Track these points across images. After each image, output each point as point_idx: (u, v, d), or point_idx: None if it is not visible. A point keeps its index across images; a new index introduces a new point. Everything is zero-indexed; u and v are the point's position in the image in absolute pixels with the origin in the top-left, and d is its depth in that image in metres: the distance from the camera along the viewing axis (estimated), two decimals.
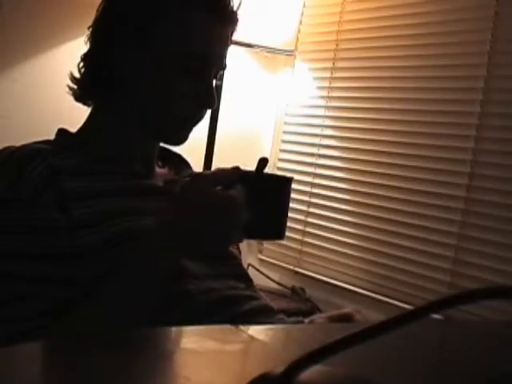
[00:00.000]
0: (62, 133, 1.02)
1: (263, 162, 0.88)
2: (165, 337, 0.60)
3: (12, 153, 0.89)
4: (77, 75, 1.01)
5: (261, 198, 0.86)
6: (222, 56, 1.01)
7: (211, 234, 0.84)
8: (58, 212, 0.85)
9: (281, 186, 0.90)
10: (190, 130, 1.02)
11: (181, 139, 1.02)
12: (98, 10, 1.00)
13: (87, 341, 0.54)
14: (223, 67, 1.02)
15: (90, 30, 1.00)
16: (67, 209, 0.86)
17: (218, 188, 0.85)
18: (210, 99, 0.99)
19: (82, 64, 1.00)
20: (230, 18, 0.99)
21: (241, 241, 0.90)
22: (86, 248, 0.85)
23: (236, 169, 0.87)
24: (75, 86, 1.01)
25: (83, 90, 1.01)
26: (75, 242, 0.85)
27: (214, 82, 1.01)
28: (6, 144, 0.93)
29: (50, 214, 0.84)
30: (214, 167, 2.21)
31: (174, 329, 0.61)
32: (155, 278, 0.83)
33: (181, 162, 1.13)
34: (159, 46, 0.96)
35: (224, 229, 0.84)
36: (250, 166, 0.90)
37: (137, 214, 0.92)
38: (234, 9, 1.00)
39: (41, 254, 0.82)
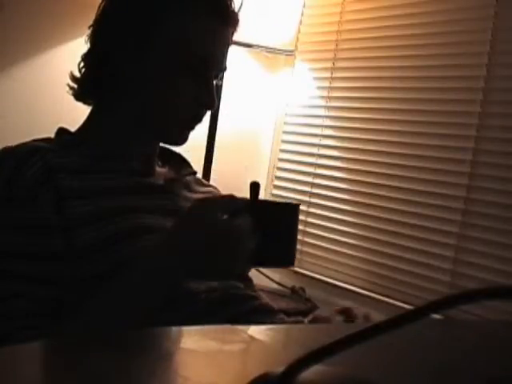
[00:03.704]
0: (62, 131, 1.02)
1: (256, 187, 0.85)
2: (164, 337, 0.60)
3: (11, 150, 0.90)
4: (77, 75, 1.01)
5: (271, 225, 0.84)
6: (223, 57, 1.01)
7: (211, 263, 0.82)
8: (52, 211, 0.84)
9: (290, 212, 0.89)
10: (189, 130, 1.02)
11: (180, 140, 1.02)
12: (98, 9, 1.00)
13: (87, 341, 0.54)
14: (224, 68, 1.02)
15: (91, 29, 1.00)
16: (63, 207, 0.85)
17: (224, 217, 0.83)
18: (210, 100, 0.99)
19: (82, 64, 1.00)
20: (230, 20, 0.99)
21: (245, 271, 0.86)
22: (82, 247, 0.85)
23: (231, 196, 0.84)
24: (75, 86, 1.01)
25: (83, 89, 1.01)
26: (71, 242, 0.84)
27: (215, 82, 1.02)
28: (6, 144, 0.93)
29: (43, 213, 0.84)
30: (214, 167, 2.21)
31: (173, 329, 0.61)
32: (152, 297, 0.82)
33: (181, 162, 1.13)
34: (160, 46, 0.96)
35: (225, 258, 0.82)
36: (251, 166, 0.90)
37: (137, 212, 0.92)
38: (235, 10, 1.00)
39: (32, 253, 0.82)
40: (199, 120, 1.02)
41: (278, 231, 0.86)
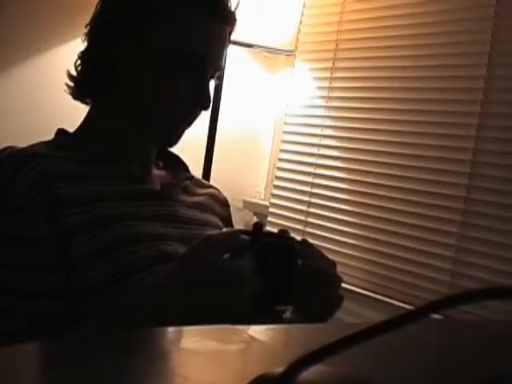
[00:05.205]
0: (61, 133, 1.02)
1: (258, 227, 0.83)
2: (164, 337, 0.60)
3: (8, 156, 0.88)
4: (74, 73, 1.01)
5: (269, 267, 0.83)
6: (220, 56, 1.00)
7: (209, 302, 0.78)
8: (45, 222, 0.82)
9: (287, 253, 0.87)
10: (183, 131, 1.01)
11: (173, 140, 1.02)
12: (96, 7, 1.00)
13: (87, 341, 0.54)
14: (221, 68, 1.02)
15: (88, 28, 1.00)
16: (58, 217, 0.83)
17: (226, 256, 0.79)
18: (205, 100, 0.99)
19: (79, 62, 1.00)
20: (228, 19, 0.99)
21: (247, 312, 0.83)
22: (79, 256, 0.83)
23: (235, 234, 0.81)
24: (72, 84, 1.01)
25: (80, 88, 1.01)
26: (67, 251, 0.82)
27: (212, 82, 1.01)
28: (6, 144, 0.92)
29: (37, 225, 0.82)
30: (214, 167, 2.21)
31: (173, 329, 0.61)
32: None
33: (178, 164, 1.12)
34: (157, 45, 0.96)
35: (223, 298, 0.78)
36: (250, 166, 0.89)
37: (135, 219, 0.91)
38: (232, 9, 1.00)
39: (24, 264, 0.80)
40: (193, 120, 1.00)
41: (275, 272, 0.85)
